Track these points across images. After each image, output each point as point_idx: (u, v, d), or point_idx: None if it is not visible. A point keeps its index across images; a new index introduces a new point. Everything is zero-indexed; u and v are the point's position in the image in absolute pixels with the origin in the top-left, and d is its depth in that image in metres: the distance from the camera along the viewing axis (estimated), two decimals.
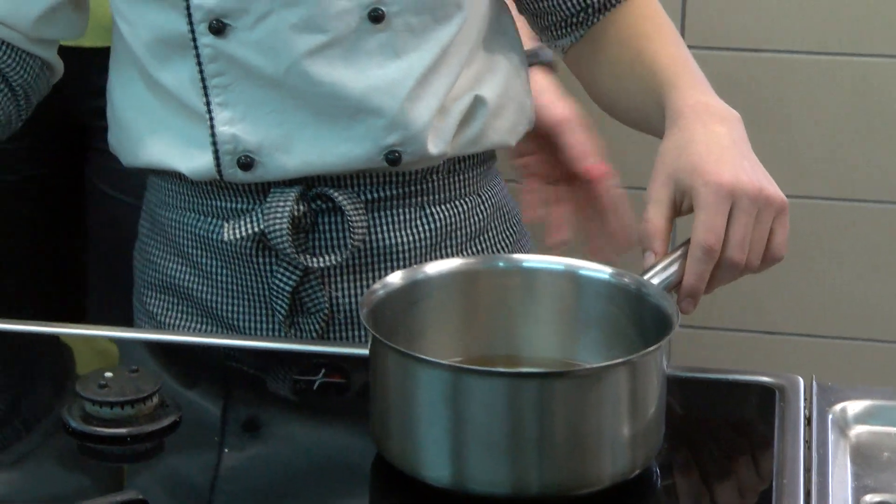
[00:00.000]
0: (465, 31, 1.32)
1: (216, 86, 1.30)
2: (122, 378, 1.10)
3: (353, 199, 1.32)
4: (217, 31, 1.26)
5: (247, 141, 1.30)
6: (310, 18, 1.25)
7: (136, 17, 1.32)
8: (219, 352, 1.31)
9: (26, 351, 1.32)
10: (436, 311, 1.16)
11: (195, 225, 1.38)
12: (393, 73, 1.28)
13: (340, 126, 1.29)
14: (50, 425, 1.13)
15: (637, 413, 1.01)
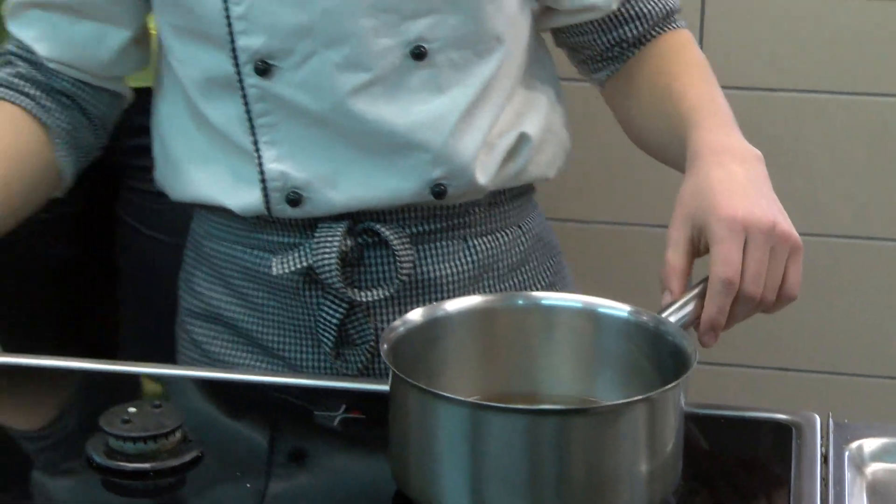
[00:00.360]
0: (506, 66, 1.33)
1: (263, 125, 1.31)
2: (145, 413, 1.10)
3: (398, 233, 1.33)
4: (262, 71, 1.27)
5: (295, 178, 1.30)
6: (353, 57, 1.26)
7: (186, 55, 1.34)
8: (241, 388, 1.31)
9: (54, 386, 1.33)
10: (455, 348, 1.16)
11: (242, 258, 1.39)
12: (437, 109, 1.29)
13: (386, 161, 1.30)
14: (75, 460, 1.12)
15: (655, 450, 1.00)
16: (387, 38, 1.26)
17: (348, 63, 1.26)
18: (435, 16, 1.26)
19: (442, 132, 1.29)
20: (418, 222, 1.34)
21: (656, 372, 1.08)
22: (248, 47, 1.27)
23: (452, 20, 1.27)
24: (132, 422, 1.08)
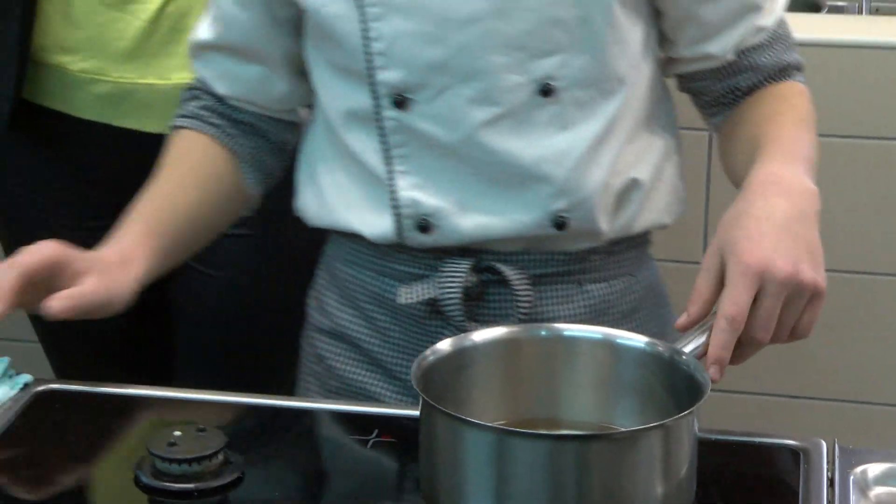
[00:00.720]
0: (629, 107, 1.34)
1: (398, 155, 1.32)
2: (190, 437, 1.11)
3: (520, 274, 1.34)
4: (399, 104, 1.29)
5: (426, 205, 1.32)
6: (484, 92, 1.27)
7: (329, 87, 1.37)
8: (281, 412, 1.32)
9: (106, 410, 1.33)
10: (482, 376, 1.16)
11: (372, 283, 1.41)
12: (561, 144, 1.30)
13: (511, 192, 1.31)
14: (123, 481, 1.13)
15: (670, 474, 1.01)
16: (516, 75, 1.27)
17: (479, 98, 1.28)
18: (562, 55, 1.28)
19: (565, 166, 1.30)
20: (539, 265, 1.35)
21: (671, 400, 1.08)
22: (386, 81, 1.29)
23: (579, 60, 1.28)
24: (177, 445, 1.10)
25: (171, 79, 1.67)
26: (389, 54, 1.28)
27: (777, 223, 1.17)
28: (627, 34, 1.32)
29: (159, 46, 1.65)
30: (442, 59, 1.27)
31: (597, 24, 1.28)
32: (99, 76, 1.67)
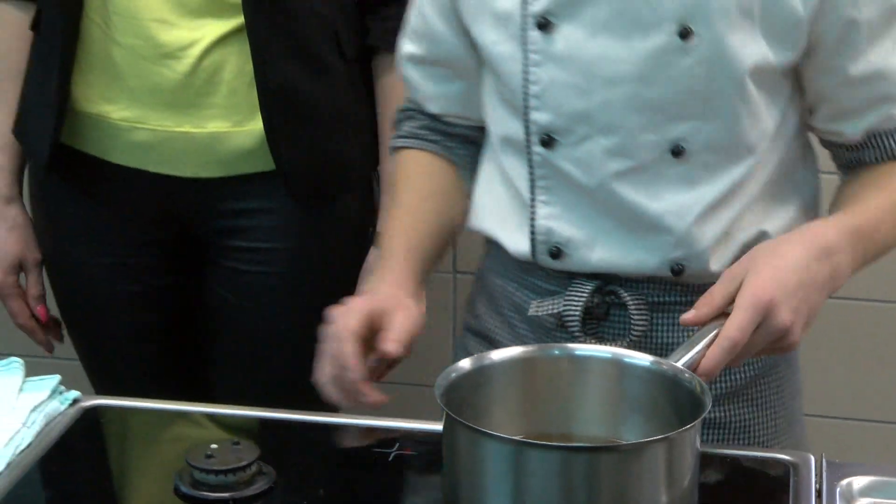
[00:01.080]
0: (756, 173, 1.34)
1: (541, 186, 1.34)
2: (225, 449, 1.14)
3: (637, 300, 1.35)
4: (546, 143, 1.31)
5: (559, 235, 1.34)
6: (621, 146, 1.29)
7: (494, 111, 1.39)
8: (309, 426, 1.33)
9: (149, 425, 1.36)
10: (500, 392, 1.17)
11: (513, 293, 1.42)
12: (685, 200, 1.30)
13: (636, 237, 1.32)
14: (164, 490, 1.15)
15: (673, 484, 1.03)
16: (651, 134, 1.28)
17: (615, 150, 1.29)
18: (695, 122, 1.28)
19: (686, 221, 1.30)
20: (657, 294, 1.36)
21: (675, 415, 1.09)
22: (537, 121, 1.31)
23: (710, 127, 1.29)
24: (214, 457, 1.12)
25: (206, 127, 1.66)
26: (543, 98, 1.30)
27: (800, 280, 1.20)
28: (761, 109, 1.32)
29: (195, 97, 1.65)
30: (586, 110, 1.29)
31: (729, 97, 1.29)
32: (138, 124, 1.67)
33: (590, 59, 1.28)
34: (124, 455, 1.35)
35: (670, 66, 1.26)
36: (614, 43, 1.27)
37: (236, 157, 1.66)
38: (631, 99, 1.27)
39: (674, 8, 1.24)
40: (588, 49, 1.28)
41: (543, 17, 1.28)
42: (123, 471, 1.32)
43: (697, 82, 1.27)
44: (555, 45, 1.29)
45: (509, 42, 1.32)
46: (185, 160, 1.67)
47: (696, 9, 1.24)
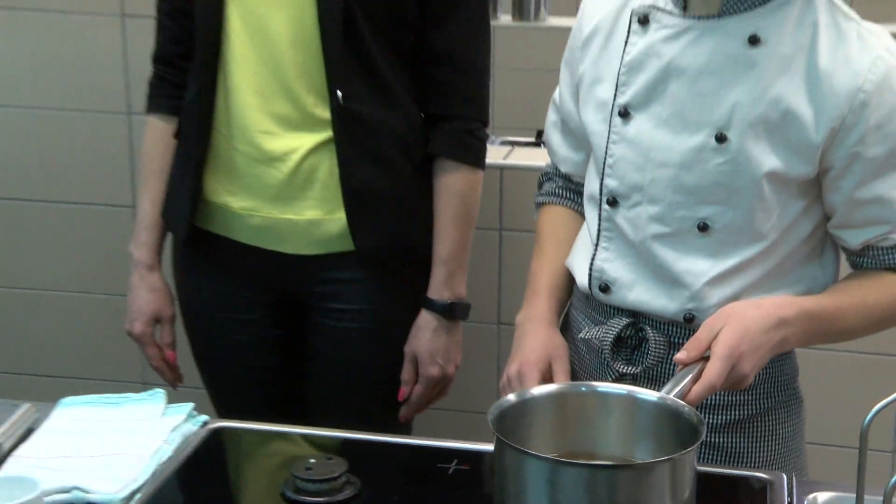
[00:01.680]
0: (766, 257, 1.35)
1: (604, 235, 1.40)
2: (321, 463, 1.20)
3: (658, 337, 1.37)
4: (611, 203, 1.37)
5: (609, 274, 1.38)
6: (661, 215, 1.33)
7: (588, 178, 1.44)
8: (385, 444, 1.37)
9: (260, 443, 1.40)
10: (538, 420, 1.19)
11: (580, 322, 1.46)
12: (702, 266, 1.34)
13: (661, 287, 1.35)
14: (273, 496, 1.20)
15: (676, 495, 1.07)
16: (684, 210, 1.33)
17: (656, 217, 1.34)
18: (719, 206, 1.31)
19: (700, 281, 1.33)
20: (674, 335, 1.37)
21: (677, 440, 1.12)
22: (608, 185, 1.37)
23: (730, 214, 1.31)
24: (312, 469, 1.18)
25: (304, 215, 1.68)
26: (614, 168, 1.37)
27: (760, 341, 1.25)
28: (774, 207, 1.33)
29: (295, 192, 1.66)
30: (640, 183, 1.34)
31: (748, 193, 1.31)
32: (253, 212, 1.68)
33: (649, 145, 1.33)
34: (242, 466, 1.40)
35: (705, 161, 1.30)
36: (668, 135, 1.32)
37: (327, 239, 1.68)
38: (672, 180, 1.32)
39: (716, 118, 1.29)
40: (650, 136, 1.34)
41: (625, 107, 1.34)
42: (241, 479, 1.38)
43: (724, 177, 1.30)
44: (629, 129, 1.35)
45: (601, 123, 1.38)
46: (288, 241, 1.68)
47: (731, 121, 1.28)
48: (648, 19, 1.34)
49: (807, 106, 1.28)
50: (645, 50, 1.34)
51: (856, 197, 1.32)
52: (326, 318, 1.74)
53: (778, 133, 1.30)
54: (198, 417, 1.38)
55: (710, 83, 1.30)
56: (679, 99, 1.32)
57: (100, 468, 1.25)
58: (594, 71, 1.42)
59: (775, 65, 1.28)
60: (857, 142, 1.28)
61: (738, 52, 1.28)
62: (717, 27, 1.30)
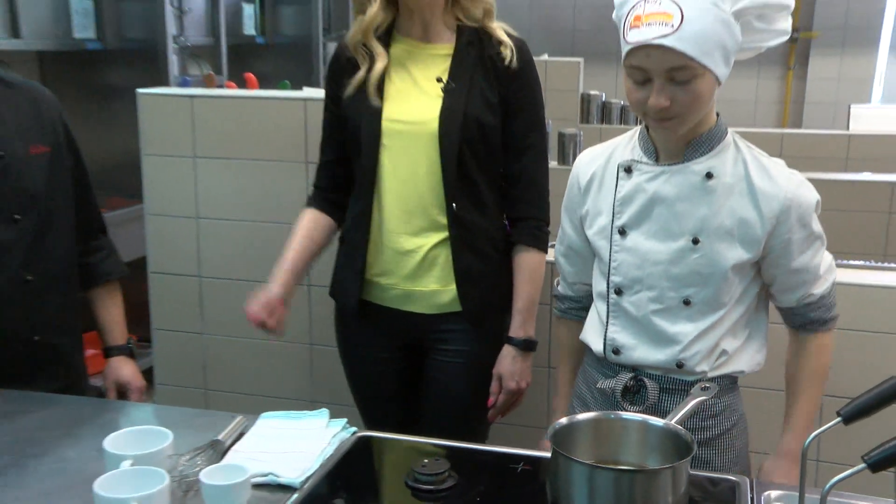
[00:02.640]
0: (729, 317, 1.38)
1: (612, 315, 1.42)
2: (433, 462, 1.28)
3: (654, 385, 1.40)
4: (618, 293, 1.41)
5: (618, 342, 1.41)
6: (657, 297, 1.38)
7: (594, 280, 1.47)
8: (476, 450, 1.41)
9: (393, 447, 1.45)
10: (581, 436, 1.24)
11: (595, 376, 1.48)
12: (687, 328, 1.37)
13: (658, 346, 1.39)
14: (399, 483, 1.27)
15: (676, 492, 1.13)
16: (673, 292, 1.37)
17: (653, 299, 1.38)
18: (697, 288, 1.36)
19: (688, 338, 1.37)
20: (665, 383, 1.40)
21: (676, 452, 1.18)
22: (613, 281, 1.40)
23: (704, 292, 1.36)
24: (426, 466, 1.26)
25: (428, 287, 1.69)
26: (618, 269, 1.40)
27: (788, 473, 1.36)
28: (734, 285, 1.37)
29: (423, 272, 1.68)
30: (640, 277, 1.38)
31: (717, 278, 1.35)
32: (395, 287, 1.71)
33: (644, 251, 1.37)
34: (378, 463, 1.43)
35: (686, 258, 1.35)
36: (657, 243, 1.37)
37: (442, 304, 1.70)
38: (663, 273, 1.37)
39: (690, 228, 1.34)
40: (644, 245, 1.37)
41: (622, 227, 1.39)
42: (377, 471, 1.41)
43: (700, 267, 1.35)
44: (626, 242, 1.39)
45: (604, 240, 1.41)
46: (417, 305, 1.71)
47: (701, 230, 1.34)
48: (631, 169, 1.38)
49: (751, 213, 1.34)
50: (633, 188, 1.38)
51: (791, 268, 1.37)
52: (439, 355, 1.75)
53: (734, 234, 1.34)
54: (350, 428, 1.43)
55: (683, 206, 1.34)
56: (663, 218, 1.36)
57: (286, 460, 1.30)
58: (595, 206, 1.44)
59: (725, 189, 1.34)
60: (786, 231, 1.34)
61: (700, 184, 1.33)
62: (682, 169, 1.35)
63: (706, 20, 1.23)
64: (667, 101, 1.26)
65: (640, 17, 1.24)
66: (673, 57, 1.23)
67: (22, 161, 1.55)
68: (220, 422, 1.43)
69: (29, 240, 1.57)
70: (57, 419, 1.45)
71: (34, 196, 1.57)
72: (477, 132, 1.62)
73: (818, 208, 1.37)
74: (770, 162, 1.38)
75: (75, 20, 3.03)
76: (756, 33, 1.29)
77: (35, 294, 1.59)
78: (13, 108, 1.56)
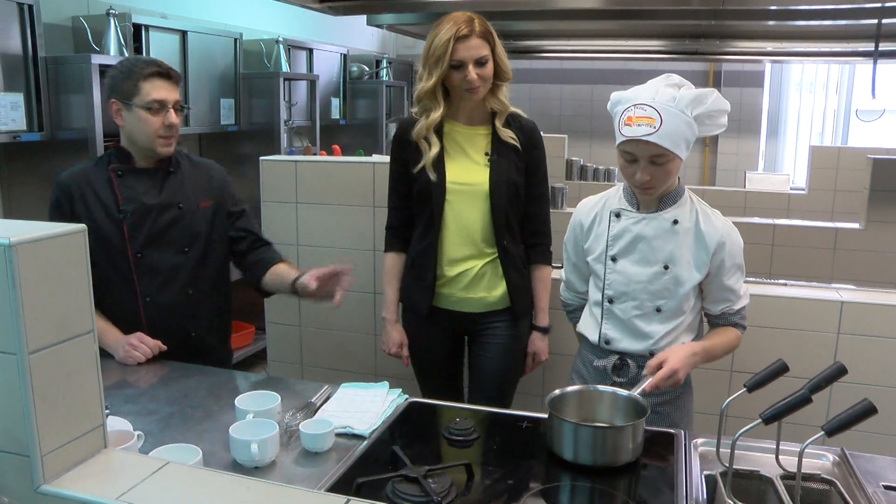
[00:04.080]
0: (686, 319, 1.37)
1: (605, 317, 1.40)
2: (463, 421, 1.22)
3: (633, 364, 1.38)
4: (610, 301, 1.38)
5: (609, 335, 1.39)
6: (638, 306, 1.36)
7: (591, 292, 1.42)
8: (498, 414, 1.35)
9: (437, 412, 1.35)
10: (569, 403, 1.25)
11: (589, 358, 1.44)
12: (658, 328, 1.36)
13: (637, 338, 1.36)
14: (439, 436, 1.22)
15: (635, 442, 1.14)
16: (650, 303, 1.35)
17: (636, 307, 1.36)
18: (666, 300, 1.35)
19: (658, 335, 1.35)
20: (642, 362, 1.36)
21: (636, 414, 1.19)
22: (607, 294, 1.38)
23: (671, 303, 1.35)
24: (458, 423, 1.21)
25: (478, 294, 1.66)
26: (610, 285, 1.37)
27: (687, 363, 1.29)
28: (690, 299, 1.36)
29: (474, 283, 1.63)
30: (626, 292, 1.36)
31: (680, 294, 1.34)
32: (453, 294, 1.66)
33: (630, 273, 1.36)
34: (424, 421, 1.33)
35: (659, 279, 1.34)
36: (639, 268, 1.35)
37: (487, 304, 1.66)
38: (643, 289, 1.35)
39: (662, 258, 1.34)
40: (629, 269, 1.36)
41: (614, 256, 1.37)
42: (423, 426, 1.32)
43: (669, 286, 1.35)
44: (617, 266, 1.37)
45: (600, 264, 1.39)
46: (469, 306, 1.66)
47: (670, 259, 1.33)
48: (620, 214, 1.37)
49: (702, 248, 1.34)
50: (622, 229, 1.37)
51: (723, 285, 1.36)
52: (484, 339, 1.70)
53: (691, 262, 1.35)
54: (403, 395, 1.39)
55: (658, 242, 1.35)
56: (643, 250, 1.35)
57: (359, 417, 1.28)
58: (594, 241, 1.42)
59: (685, 231, 1.35)
60: (721, 260, 1.35)
61: (669, 227, 1.35)
62: (656, 216, 1.36)
63: (677, 122, 1.27)
64: (648, 177, 1.29)
65: (631, 118, 1.27)
66: (654, 148, 1.27)
67: (193, 212, 1.60)
68: (312, 389, 1.42)
69: (192, 265, 1.60)
70: (206, 384, 1.46)
71: (198, 235, 1.61)
72: (513, 190, 1.63)
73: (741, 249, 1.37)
74: (711, 211, 1.39)
75: (222, 112, 3.24)
76: (706, 127, 1.32)
77: (193, 303, 1.61)
78: (193, 177, 1.62)
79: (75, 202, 1.54)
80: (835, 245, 2.88)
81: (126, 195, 1.54)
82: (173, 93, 1.52)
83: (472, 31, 1.53)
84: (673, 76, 1.31)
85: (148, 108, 1.49)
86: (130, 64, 1.51)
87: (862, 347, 1.75)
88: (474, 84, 1.55)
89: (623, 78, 5.78)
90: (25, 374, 0.75)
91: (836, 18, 3.31)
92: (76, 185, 1.54)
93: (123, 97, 1.50)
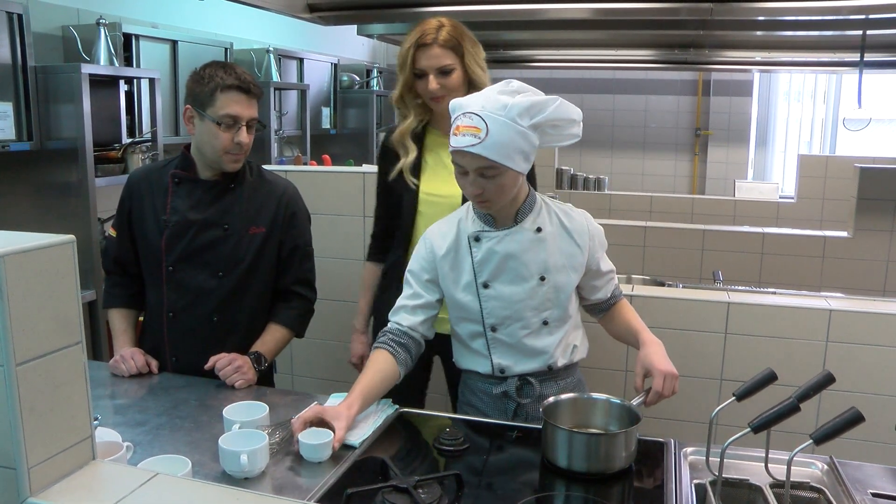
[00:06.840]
0: (572, 322, 1.35)
1: (492, 346, 1.31)
2: (452, 430, 1.24)
3: (536, 381, 1.33)
4: (493, 329, 1.32)
5: (503, 364, 1.33)
6: (524, 325, 1.30)
7: (461, 326, 1.35)
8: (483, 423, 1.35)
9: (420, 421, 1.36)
10: (562, 411, 1.24)
11: (482, 388, 1.37)
12: (548, 340, 1.33)
13: (532, 357, 1.32)
14: (430, 448, 1.22)
15: (628, 449, 1.13)
16: (535, 319, 1.30)
17: (522, 327, 1.27)
18: (552, 311, 1.31)
19: (551, 348, 1.32)
20: (542, 378, 1.33)
21: (630, 422, 1.18)
22: (488, 322, 1.31)
23: (556, 312, 1.31)
24: (448, 432, 1.20)
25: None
26: (490, 313, 1.30)
27: (663, 355, 1.26)
28: (572, 300, 1.34)
29: None
30: (509, 314, 1.30)
31: (563, 300, 1.31)
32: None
33: (507, 294, 1.28)
34: (414, 430, 1.34)
35: (538, 293, 1.28)
36: (515, 286, 1.28)
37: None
38: (525, 307, 1.29)
39: (536, 270, 1.28)
40: (504, 290, 1.28)
41: (485, 283, 1.29)
42: (414, 437, 1.33)
43: (550, 296, 1.29)
44: (490, 292, 1.29)
45: (471, 294, 1.30)
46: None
47: (545, 269, 1.28)
48: (480, 238, 1.28)
49: (574, 247, 1.31)
50: (486, 252, 1.28)
51: (601, 271, 1.35)
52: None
53: (567, 266, 1.30)
54: (393, 406, 1.37)
55: (527, 256, 1.28)
56: (515, 268, 1.28)
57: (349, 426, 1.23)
58: (454, 272, 1.31)
59: (551, 237, 1.29)
60: (593, 252, 1.33)
61: (534, 237, 1.28)
62: (518, 230, 1.28)
63: (506, 133, 1.18)
64: (479, 190, 1.22)
65: (459, 127, 1.19)
66: (480, 160, 1.19)
67: (240, 236, 1.50)
68: (302, 402, 1.40)
69: (225, 292, 1.51)
70: (195, 395, 1.45)
71: (239, 262, 1.51)
72: None
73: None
74: (567, 207, 1.35)
75: None
76: (551, 137, 1.24)
77: (219, 332, 1.52)
78: (254, 197, 1.51)
79: (134, 202, 1.51)
80: (823, 253, 2.90)
81: (174, 205, 1.49)
82: (250, 109, 1.43)
83: (435, 40, 1.48)
84: (514, 82, 1.21)
85: (219, 123, 1.41)
86: (212, 71, 1.42)
87: (850, 355, 1.75)
88: (435, 94, 1.49)
89: (612, 87, 5.76)
90: (12, 385, 0.74)
91: (823, 29, 3.38)
92: (138, 185, 1.51)
93: (198, 105, 1.42)
